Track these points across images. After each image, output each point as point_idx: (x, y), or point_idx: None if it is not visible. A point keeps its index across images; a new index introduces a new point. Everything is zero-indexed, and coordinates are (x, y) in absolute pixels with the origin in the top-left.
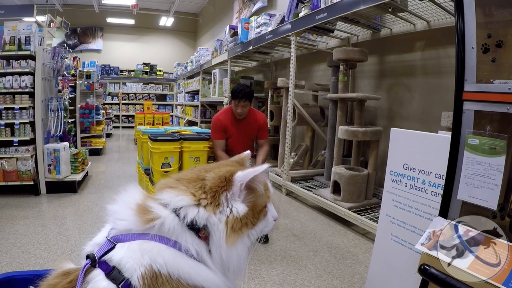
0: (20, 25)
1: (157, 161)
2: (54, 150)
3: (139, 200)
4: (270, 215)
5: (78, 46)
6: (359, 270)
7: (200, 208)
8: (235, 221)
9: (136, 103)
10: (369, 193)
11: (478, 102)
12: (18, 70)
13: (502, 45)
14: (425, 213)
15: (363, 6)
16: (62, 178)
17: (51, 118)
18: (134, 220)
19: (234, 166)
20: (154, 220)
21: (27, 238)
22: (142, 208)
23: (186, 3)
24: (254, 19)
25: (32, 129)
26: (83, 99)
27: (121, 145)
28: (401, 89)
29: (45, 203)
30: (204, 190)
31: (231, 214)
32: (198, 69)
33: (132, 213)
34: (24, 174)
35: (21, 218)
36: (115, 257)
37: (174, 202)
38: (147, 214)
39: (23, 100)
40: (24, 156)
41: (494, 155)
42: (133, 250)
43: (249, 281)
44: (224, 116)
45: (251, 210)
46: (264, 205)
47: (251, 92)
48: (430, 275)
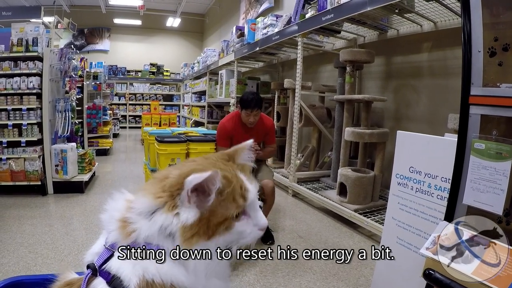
0: (28, 26)
1: (163, 162)
2: (61, 150)
3: (122, 210)
4: (246, 226)
5: (85, 46)
6: (365, 272)
7: (163, 210)
8: (184, 229)
9: (143, 104)
10: (375, 195)
11: (484, 106)
12: (26, 71)
13: (509, 49)
14: (431, 217)
15: (369, 7)
16: (69, 178)
17: (58, 119)
18: (118, 234)
19: (212, 163)
20: (134, 232)
21: (34, 238)
22: (123, 222)
23: (192, 4)
24: (261, 20)
25: (39, 130)
26: (90, 100)
27: (128, 146)
28: (408, 91)
29: (52, 203)
30: (164, 189)
31: (180, 221)
32: (205, 70)
33: (117, 226)
34: (31, 174)
35: (29, 218)
36: (113, 266)
37: (143, 209)
38: (127, 227)
39: (31, 101)
40: (32, 157)
41: (500, 159)
42: (125, 261)
43: (254, 283)
44: (231, 124)
45: (206, 219)
46: (227, 216)
47: (261, 99)
48: (435, 279)
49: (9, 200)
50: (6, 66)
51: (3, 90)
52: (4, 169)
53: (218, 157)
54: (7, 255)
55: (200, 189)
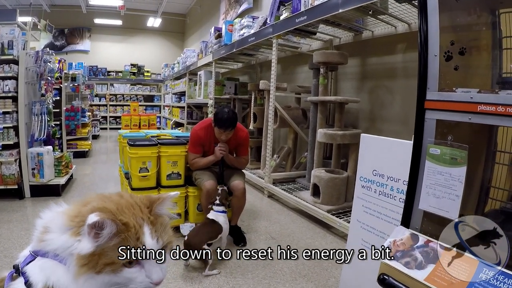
0: (3, 29)
1: (135, 165)
2: (37, 154)
3: (48, 220)
4: (136, 274)
5: (65, 47)
6: (335, 273)
7: (70, 233)
8: (78, 257)
9: (123, 104)
10: (349, 195)
11: (440, 111)
12: (1, 74)
13: (465, 53)
14: (394, 220)
15: (341, 9)
16: (46, 181)
17: (34, 122)
18: (36, 240)
19: (127, 206)
20: (45, 241)
21: (10, 242)
22: (43, 229)
23: (173, 4)
24: (238, 21)
25: (15, 133)
26: (69, 102)
27: (108, 147)
28: (382, 92)
29: (29, 207)
30: (77, 215)
31: (78, 248)
32: (185, 71)
33: (39, 232)
34: (8, 178)
35: (5, 222)
36: (28, 269)
37: (59, 225)
38: (43, 235)
39: (7, 105)
40: (8, 160)
41: (455, 165)
42: (36, 266)
43: (223, 284)
44: (204, 133)
45: (97, 255)
46: (115, 260)
47: (235, 118)
48: (389, 285)
49: None
50: None
51: None
52: None
53: (139, 201)
54: None
55: (97, 227)
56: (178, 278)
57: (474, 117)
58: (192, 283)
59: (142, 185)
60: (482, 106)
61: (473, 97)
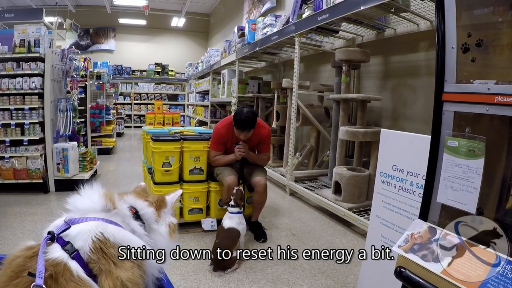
0: (30, 28)
1: (158, 160)
2: (62, 149)
3: (106, 197)
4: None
5: (90, 46)
6: (354, 270)
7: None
8: (171, 226)
9: (148, 103)
10: (370, 193)
11: (458, 103)
12: (28, 71)
13: (481, 45)
14: (413, 215)
15: (363, 6)
16: (70, 176)
17: (60, 118)
18: (99, 205)
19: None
20: (113, 210)
21: (35, 233)
22: (109, 198)
23: (197, 4)
24: (261, 20)
25: (41, 129)
26: (94, 99)
27: (132, 145)
28: (405, 90)
29: (53, 201)
30: (152, 201)
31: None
32: (208, 70)
33: (101, 200)
34: (33, 173)
35: (30, 215)
36: (70, 234)
37: (133, 203)
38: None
39: (33, 101)
40: (34, 155)
41: (473, 157)
42: (90, 226)
43: (243, 279)
44: (225, 130)
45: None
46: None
47: (255, 119)
48: (405, 278)
49: (12, 197)
50: (9, 67)
51: (6, 90)
52: (7, 167)
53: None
54: (8, 251)
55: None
56: (198, 271)
57: (492, 108)
58: (211, 276)
59: (164, 179)
60: (499, 97)
61: (491, 89)
